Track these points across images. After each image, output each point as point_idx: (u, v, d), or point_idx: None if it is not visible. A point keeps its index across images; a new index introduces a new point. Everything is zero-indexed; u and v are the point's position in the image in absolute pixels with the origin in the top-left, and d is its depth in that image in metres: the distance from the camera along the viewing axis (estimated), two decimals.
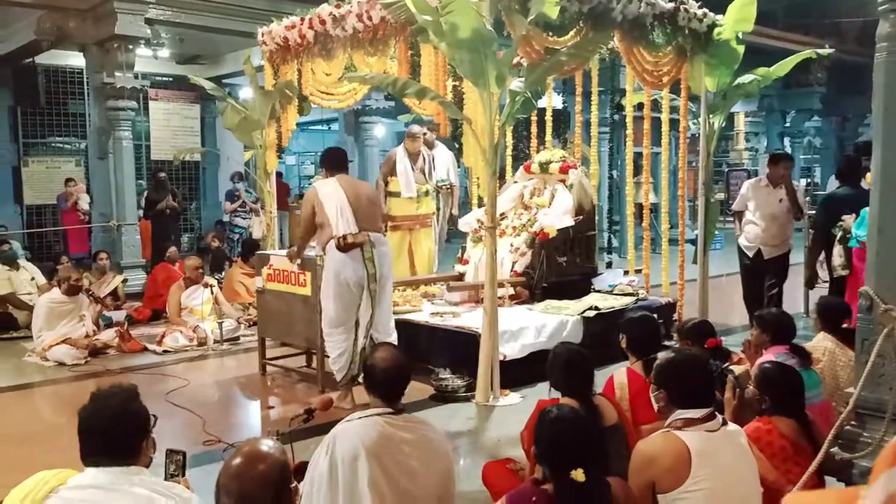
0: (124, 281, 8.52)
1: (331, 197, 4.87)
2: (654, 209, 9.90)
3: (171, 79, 12.65)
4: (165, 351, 6.67)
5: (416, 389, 5.28)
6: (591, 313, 6.02)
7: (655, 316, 4.32)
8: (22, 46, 10.21)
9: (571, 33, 5.34)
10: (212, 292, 7.10)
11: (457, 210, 8.04)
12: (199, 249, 11.90)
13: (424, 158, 7.47)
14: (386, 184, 7.37)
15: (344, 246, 4.76)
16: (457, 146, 5.43)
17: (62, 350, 6.30)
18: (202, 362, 6.52)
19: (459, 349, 5.53)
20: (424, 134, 7.53)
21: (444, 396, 5.16)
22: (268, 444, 1.90)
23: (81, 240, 10.52)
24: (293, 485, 1.92)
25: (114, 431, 2.06)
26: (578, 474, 2.10)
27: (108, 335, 6.72)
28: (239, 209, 11.59)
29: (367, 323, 4.88)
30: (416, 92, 4.93)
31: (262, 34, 6.70)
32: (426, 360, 5.67)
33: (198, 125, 13.25)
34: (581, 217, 6.83)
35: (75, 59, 10.57)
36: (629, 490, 2.36)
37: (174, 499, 2.02)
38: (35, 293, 7.60)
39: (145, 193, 10.86)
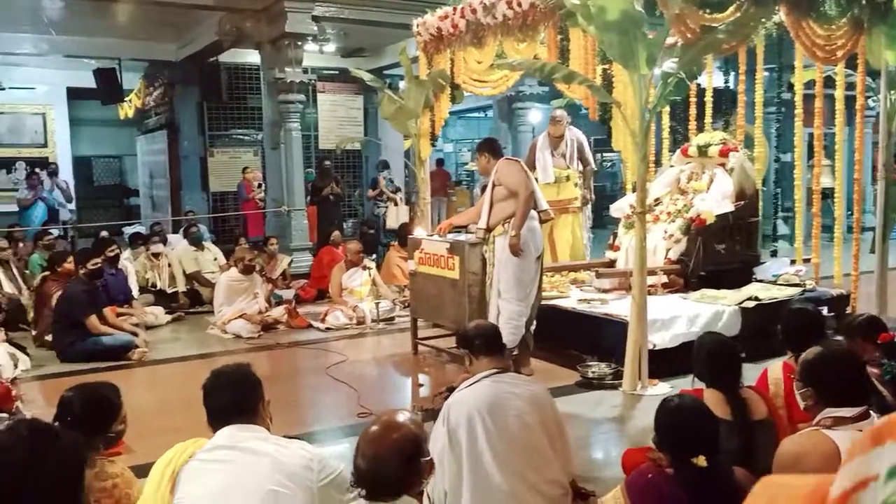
0: (291, 262, 9.16)
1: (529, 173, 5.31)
2: (829, 194, 9.17)
3: (337, 72, 13.32)
4: (328, 328, 7.13)
5: (562, 375, 5.32)
6: (751, 304, 5.72)
7: (825, 309, 4.04)
8: (207, 47, 11.19)
9: (731, 9, 5.07)
10: (370, 275, 7.48)
11: (592, 195, 7.89)
12: (361, 234, 12.51)
13: (567, 143, 7.39)
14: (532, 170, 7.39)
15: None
16: (606, 130, 5.36)
17: (239, 324, 6.92)
18: (360, 340, 6.91)
19: (607, 337, 5.47)
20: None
21: (590, 383, 5.14)
22: (405, 416, 2.03)
23: (258, 224, 11.39)
24: (427, 458, 2.04)
25: (235, 395, 2.34)
26: (700, 461, 2.08)
27: (278, 312, 7.29)
28: (377, 198, 11.87)
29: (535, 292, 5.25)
30: (563, 76, 4.91)
31: (417, 25, 6.92)
32: (573, 346, 5.67)
33: (361, 115, 13.87)
34: (742, 202, 6.49)
35: (252, 57, 11.43)
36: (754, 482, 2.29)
37: (298, 451, 2.22)
38: (217, 272, 8.38)
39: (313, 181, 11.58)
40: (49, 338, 6.41)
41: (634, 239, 5.19)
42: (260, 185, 11.37)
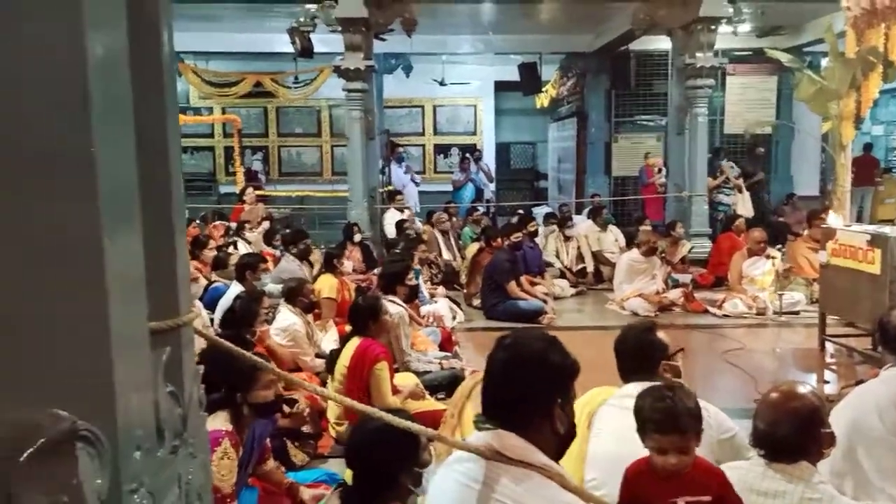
0: (691, 249, 9.22)
1: None
2: None
3: (749, 53, 12.79)
4: (725, 315, 7.10)
5: None
6: None
7: None
8: (618, 37, 11.71)
9: None
10: (773, 264, 7.23)
11: None
12: (765, 222, 11.94)
13: None
14: None
15: None
16: None
17: (636, 302, 7.30)
18: (759, 330, 6.75)
19: None
20: None
21: None
22: (806, 388, 2.15)
23: (657, 208, 11.64)
24: (827, 430, 2.13)
25: (636, 353, 2.69)
26: None
27: (674, 294, 7.50)
28: (723, 185, 11.05)
29: None
30: None
31: None
32: None
33: (773, 98, 13.13)
34: None
35: (662, 44, 11.62)
36: None
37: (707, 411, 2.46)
38: (617, 253, 8.87)
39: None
40: (476, 302, 7.56)
41: None
42: (660, 170, 11.60)
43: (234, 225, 9.08)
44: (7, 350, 0.79)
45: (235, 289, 5.30)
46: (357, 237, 8.31)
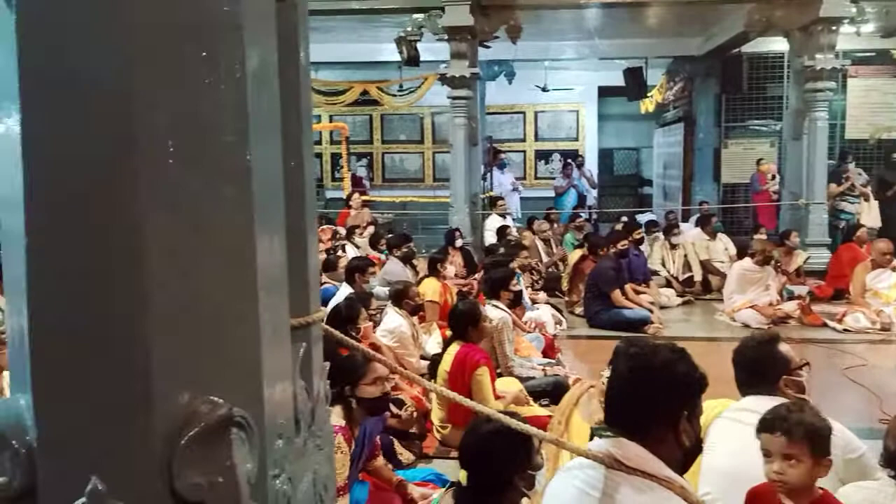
0: (807, 259, 8.78)
1: None
2: None
3: (873, 54, 12.06)
4: (845, 329, 6.73)
5: None
6: None
7: None
8: (730, 39, 11.30)
9: None
10: None
11: None
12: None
13: None
14: None
15: None
16: None
17: (748, 314, 7.02)
18: (884, 346, 6.36)
19: None
20: None
21: None
22: None
23: (770, 216, 11.15)
24: None
25: (754, 366, 2.60)
26: None
27: (790, 306, 7.16)
28: (847, 192, 10.34)
29: None
30: None
31: None
32: None
33: None
34: None
35: (777, 45, 11.14)
36: None
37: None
38: (726, 262, 8.56)
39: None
40: (578, 309, 7.47)
41: None
42: (774, 177, 11.10)
43: (341, 229, 9.36)
44: (173, 343, 0.85)
45: (345, 290, 5.47)
46: (458, 242, 8.38)
